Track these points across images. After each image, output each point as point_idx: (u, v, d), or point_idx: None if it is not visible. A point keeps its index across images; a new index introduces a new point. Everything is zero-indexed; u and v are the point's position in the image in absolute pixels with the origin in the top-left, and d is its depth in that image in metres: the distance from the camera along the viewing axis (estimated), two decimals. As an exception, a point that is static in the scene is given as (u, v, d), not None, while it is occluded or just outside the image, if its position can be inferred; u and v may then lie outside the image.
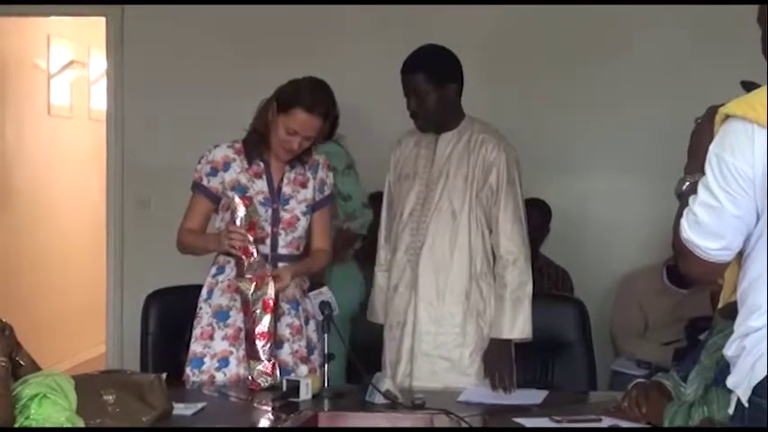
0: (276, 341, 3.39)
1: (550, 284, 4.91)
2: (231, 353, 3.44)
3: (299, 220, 3.51)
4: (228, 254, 3.39)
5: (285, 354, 3.44)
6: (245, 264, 3.32)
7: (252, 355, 3.32)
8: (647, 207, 5.14)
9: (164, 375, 2.89)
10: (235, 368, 3.42)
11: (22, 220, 6.86)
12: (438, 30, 4.76)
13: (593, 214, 5.30)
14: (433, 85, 3.54)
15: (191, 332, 3.51)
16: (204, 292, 3.52)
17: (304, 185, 3.55)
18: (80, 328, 7.23)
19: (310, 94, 3.41)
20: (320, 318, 3.33)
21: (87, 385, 2.73)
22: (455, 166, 3.60)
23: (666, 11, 5.08)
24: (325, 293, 3.34)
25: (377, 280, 3.82)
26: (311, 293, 3.40)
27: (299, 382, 3.18)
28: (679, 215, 2.15)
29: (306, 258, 3.55)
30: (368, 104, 5.15)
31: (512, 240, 3.54)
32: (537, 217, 4.68)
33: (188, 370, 3.45)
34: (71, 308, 7.25)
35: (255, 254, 3.32)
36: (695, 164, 2.19)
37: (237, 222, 3.31)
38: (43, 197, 7.14)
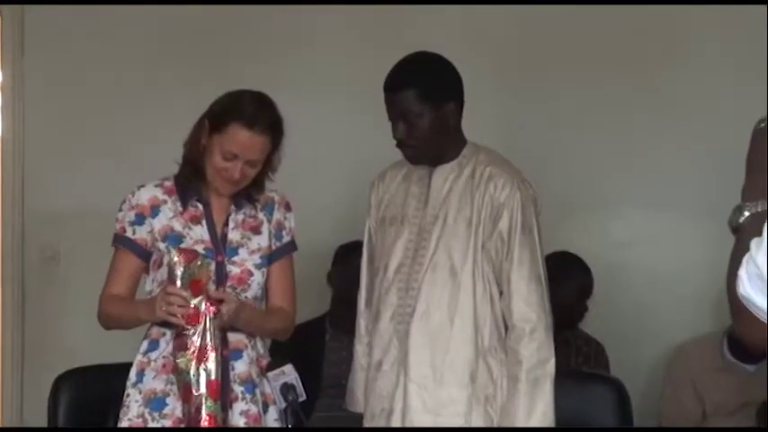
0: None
1: (580, 359, 4.93)
2: (169, 452, 3.44)
3: (251, 275, 3.54)
4: (165, 324, 3.39)
5: (239, 451, 3.45)
6: (191, 332, 3.27)
7: (194, 453, 3.33)
8: (706, 258, 5.10)
9: None
10: (173, 472, 3.43)
11: None
12: (423, 33, 4.76)
13: (634, 268, 5.27)
14: (427, 104, 3.58)
15: (115, 425, 3.52)
16: (132, 374, 3.52)
17: (256, 230, 3.58)
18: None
19: (251, 106, 3.45)
20: (283, 405, 3.36)
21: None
22: (455, 207, 3.65)
23: (735, 6, 5.02)
24: (288, 374, 3.36)
25: (357, 357, 3.85)
26: (270, 374, 3.40)
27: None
28: (735, 259, 1.99)
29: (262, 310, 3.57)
30: (337, 128, 5.20)
31: (528, 304, 3.58)
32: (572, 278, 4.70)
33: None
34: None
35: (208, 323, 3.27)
36: (757, 185, 2.06)
37: (178, 282, 3.29)
38: None
